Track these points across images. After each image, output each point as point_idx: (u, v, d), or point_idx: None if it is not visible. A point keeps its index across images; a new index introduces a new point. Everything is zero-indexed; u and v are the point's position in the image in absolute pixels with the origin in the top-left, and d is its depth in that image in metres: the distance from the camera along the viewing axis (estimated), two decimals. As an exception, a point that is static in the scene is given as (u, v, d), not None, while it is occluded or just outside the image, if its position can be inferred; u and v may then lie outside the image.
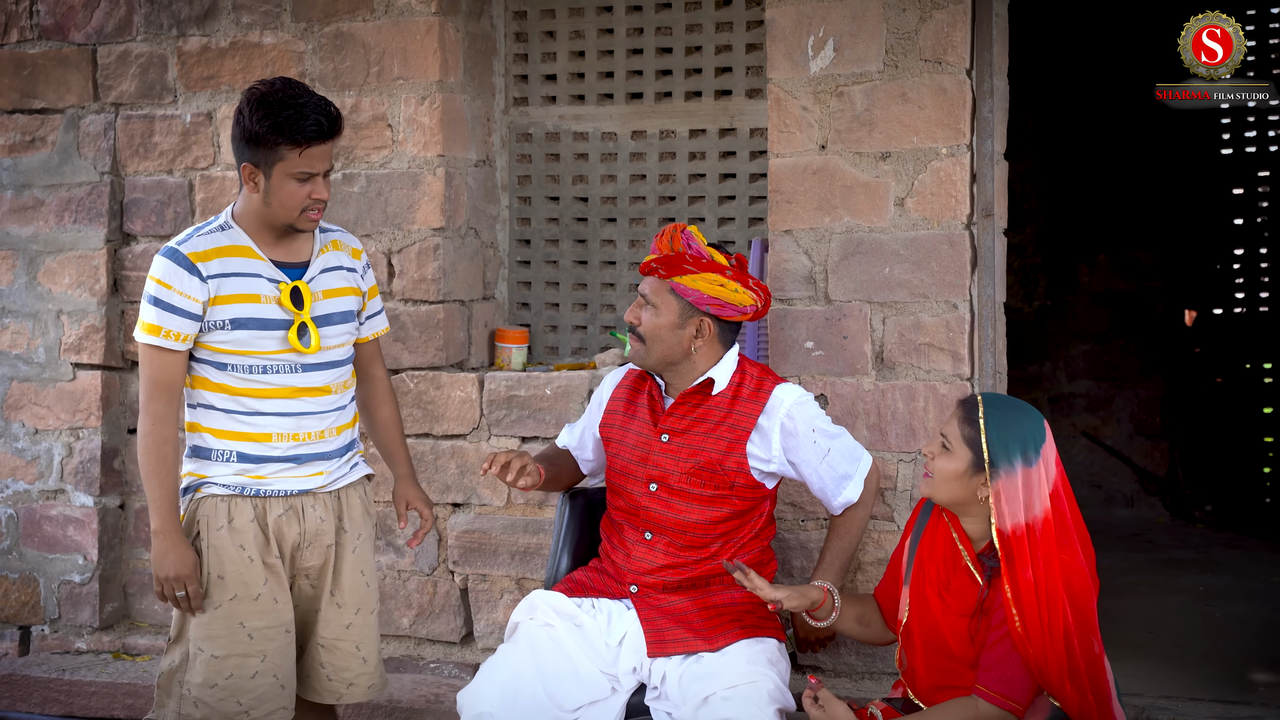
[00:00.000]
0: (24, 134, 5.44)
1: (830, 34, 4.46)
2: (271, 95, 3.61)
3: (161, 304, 3.63)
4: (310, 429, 3.79)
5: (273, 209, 3.68)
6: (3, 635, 5.46)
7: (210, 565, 3.70)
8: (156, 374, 3.68)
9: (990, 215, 4.41)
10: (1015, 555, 3.36)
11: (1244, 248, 8.40)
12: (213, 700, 3.68)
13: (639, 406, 4.01)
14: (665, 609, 3.85)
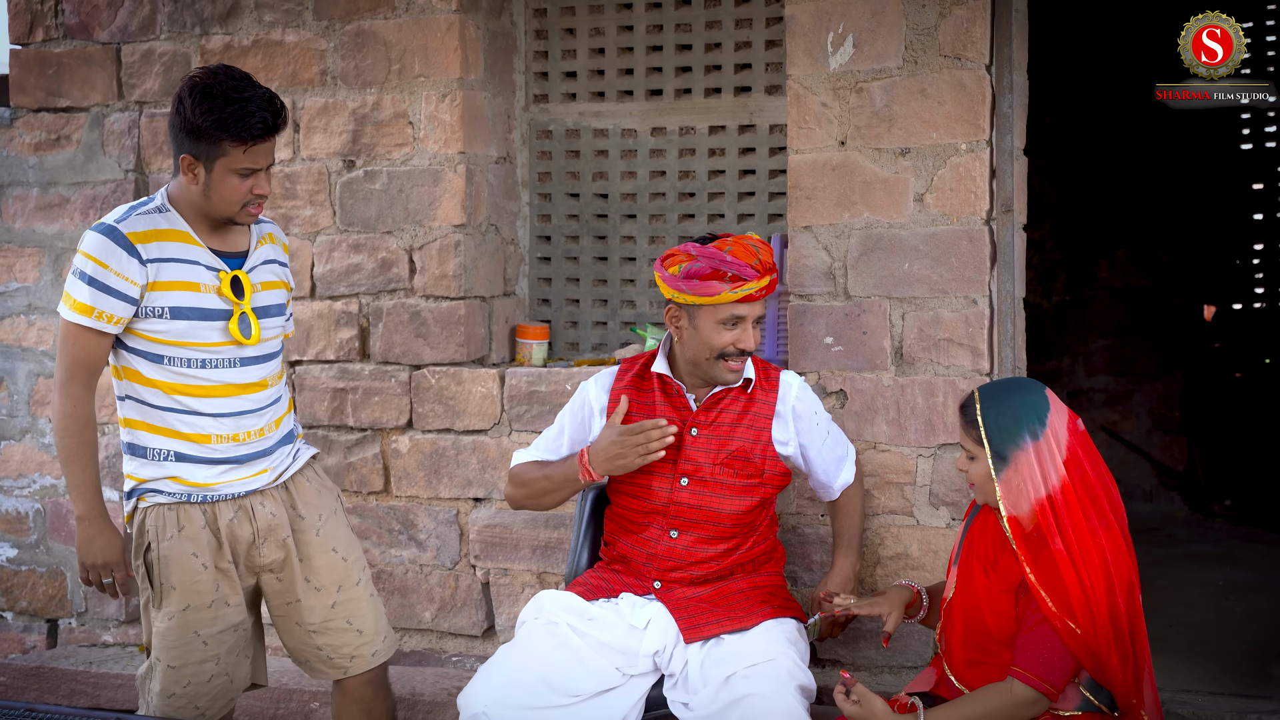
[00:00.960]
0: (49, 132, 5.45)
1: (850, 30, 4.45)
2: (215, 87, 3.51)
3: (96, 284, 3.49)
4: (249, 427, 3.74)
5: (212, 202, 3.60)
6: (31, 628, 5.49)
7: (162, 575, 3.66)
8: (80, 355, 3.56)
9: (1010, 211, 4.40)
10: (1043, 529, 3.37)
11: (1263, 243, 8.38)
12: (171, 709, 3.66)
13: (655, 406, 3.98)
14: (692, 599, 3.89)
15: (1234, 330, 8.43)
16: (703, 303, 3.78)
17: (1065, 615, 3.32)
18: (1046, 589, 3.34)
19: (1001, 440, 3.43)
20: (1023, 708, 3.37)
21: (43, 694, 4.98)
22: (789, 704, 3.57)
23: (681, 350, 3.91)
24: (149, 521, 3.67)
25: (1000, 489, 3.42)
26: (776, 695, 3.58)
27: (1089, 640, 3.32)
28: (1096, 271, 8.35)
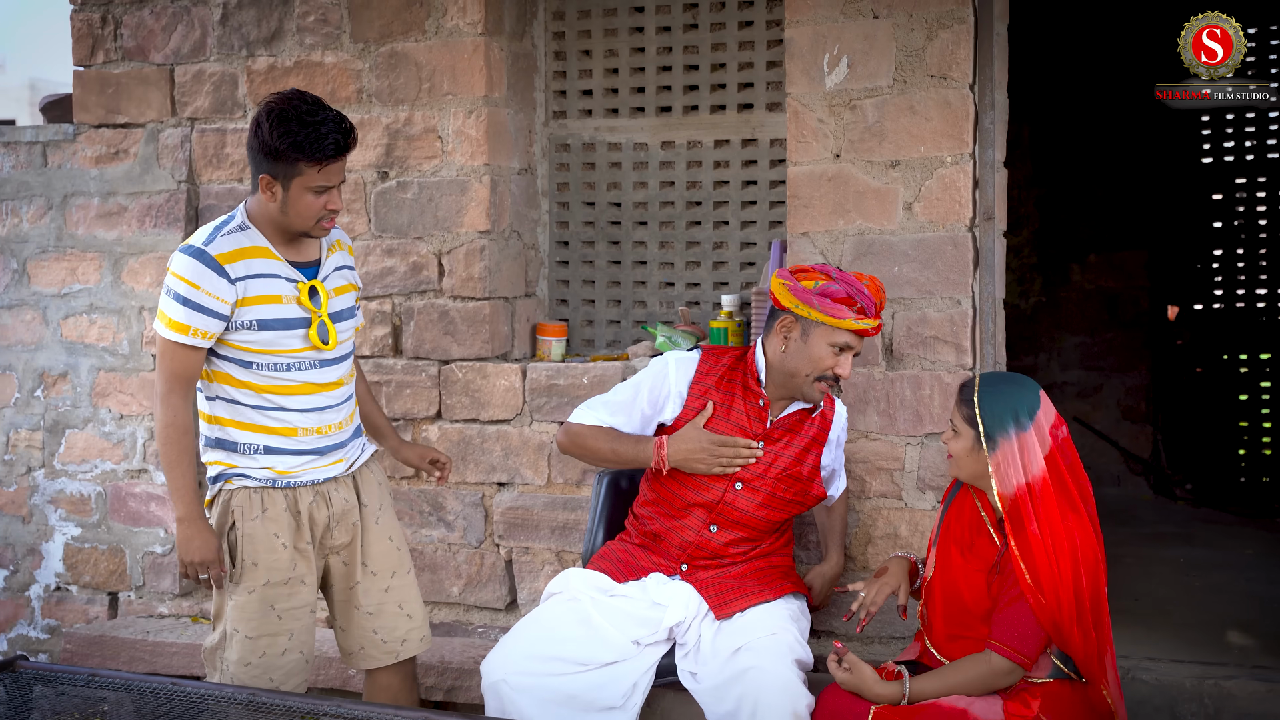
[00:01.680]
0: (109, 146, 5.43)
1: (844, 52, 4.42)
2: (290, 111, 3.50)
3: (190, 304, 3.50)
4: (330, 421, 3.76)
5: (289, 218, 3.59)
6: (94, 600, 5.48)
7: (244, 552, 3.66)
8: (177, 368, 3.57)
9: (991, 219, 4.38)
10: (1022, 512, 3.41)
11: (1222, 249, 8.39)
12: (247, 677, 3.66)
13: (735, 410, 3.92)
14: (718, 578, 3.88)
15: (1196, 329, 8.43)
16: (826, 321, 3.73)
17: (1036, 589, 3.36)
18: (1024, 562, 3.38)
19: (992, 424, 3.47)
20: (1000, 676, 3.40)
21: (104, 660, 4.98)
22: (786, 675, 3.60)
23: (782, 361, 3.84)
24: (234, 502, 3.68)
25: (992, 468, 3.46)
26: (775, 667, 3.61)
27: (1054, 613, 3.36)
28: (1070, 274, 8.34)
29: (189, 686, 3.43)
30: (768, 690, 3.54)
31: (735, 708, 3.60)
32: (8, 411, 5.60)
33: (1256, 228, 8.33)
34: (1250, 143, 8.29)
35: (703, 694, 3.72)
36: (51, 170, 5.54)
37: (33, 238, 5.55)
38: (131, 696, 3.69)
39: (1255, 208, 8.33)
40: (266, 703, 3.36)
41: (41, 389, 5.54)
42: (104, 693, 3.71)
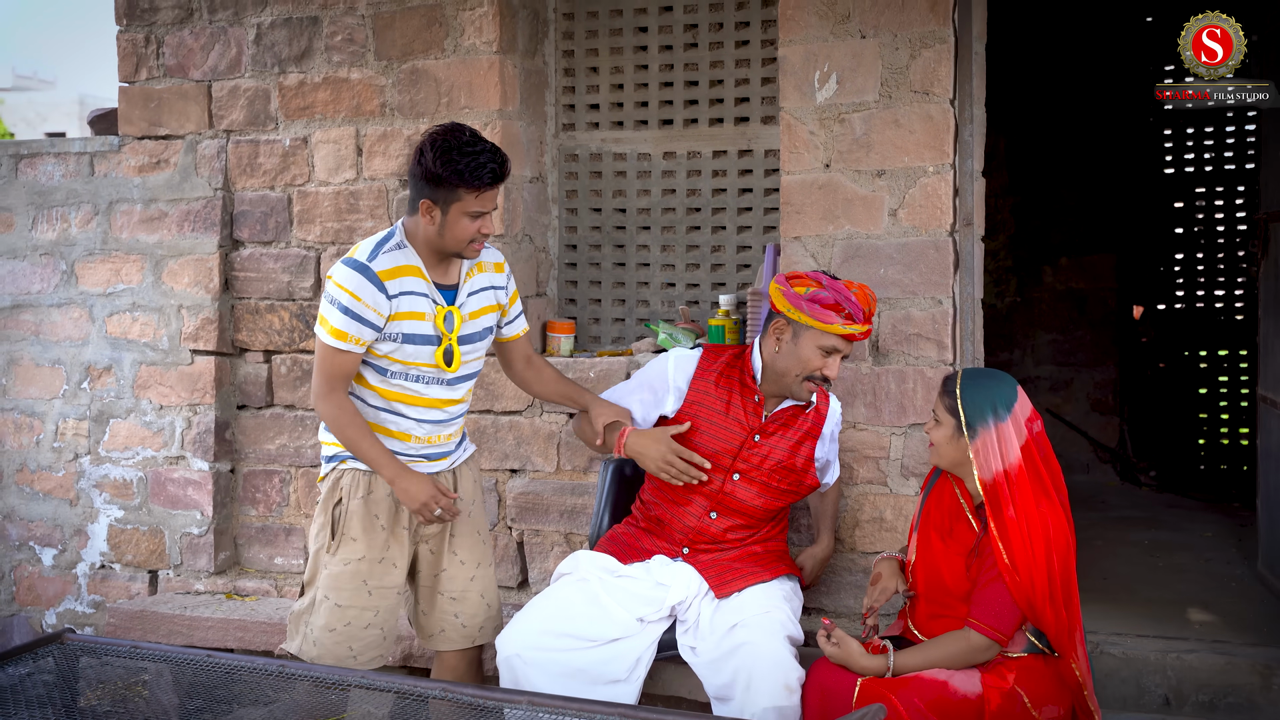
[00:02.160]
0: (151, 156, 5.42)
1: (834, 69, 4.40)
2: (452, 142, 3.51)
3: (351, 313, 3.52)
4: (442, 433, 3.78)
5: (445, 240, 3.59)
6: (135, 578, 5.47)
7: (346, 527, 3.68)
8: (336, 371, 3.59)
9: (970, 224, 4.36)
10: (1000, 498, 3.41)
11: (1183, 253, 8.39)
12: (329, 642, 3.68)
13: (733, 406, 3.90)
14: (717, 560, 3.87)
15: (1159, 327, 8.42)
16: (814, 326, 3.72)
17: (1012, 569, 3.36)
18: (1002, 543, 3.38)
19: (973, 414, 3.47)
20: (978, 652, 3.40)
21: (145, 634, 4.97)
22: (778, 650, 3.60)
23: (774, 360, 3.83)
24: (343, 481, 3.71)
25: (972, 455, 3.46)
26: (767, 643, 3.61)
27: (1028, 591, 3.36)
28: (1043, 276, 8.33)
29: (223, 658, 3.42)
30: (761, 663, 3.54)
31: (731, 680, 3.59)
32: (57, 402, 5.59)
33: (1214, 233, 8.33)
34: (1208, 155, 8.30)
35: (701, 667, 3.71)
36: (98, 179, 5.52)
37: (80, 241, 5.54)
38: (170, 667, 3.68)
39: (1213, 215, 8.34)
40: (295, 673, 3.34)
41: (88, 381, 5.53)
42: (144, 664, 3.71)
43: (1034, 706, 3.34)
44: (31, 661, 3.42)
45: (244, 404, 5.34)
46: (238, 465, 5.38)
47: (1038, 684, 3.38)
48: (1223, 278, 8.34)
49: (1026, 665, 3.41)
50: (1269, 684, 4.12)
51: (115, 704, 4.21)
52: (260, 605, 5.04)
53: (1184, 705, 4.19)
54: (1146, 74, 8.24)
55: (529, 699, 3.07)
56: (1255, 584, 5.26)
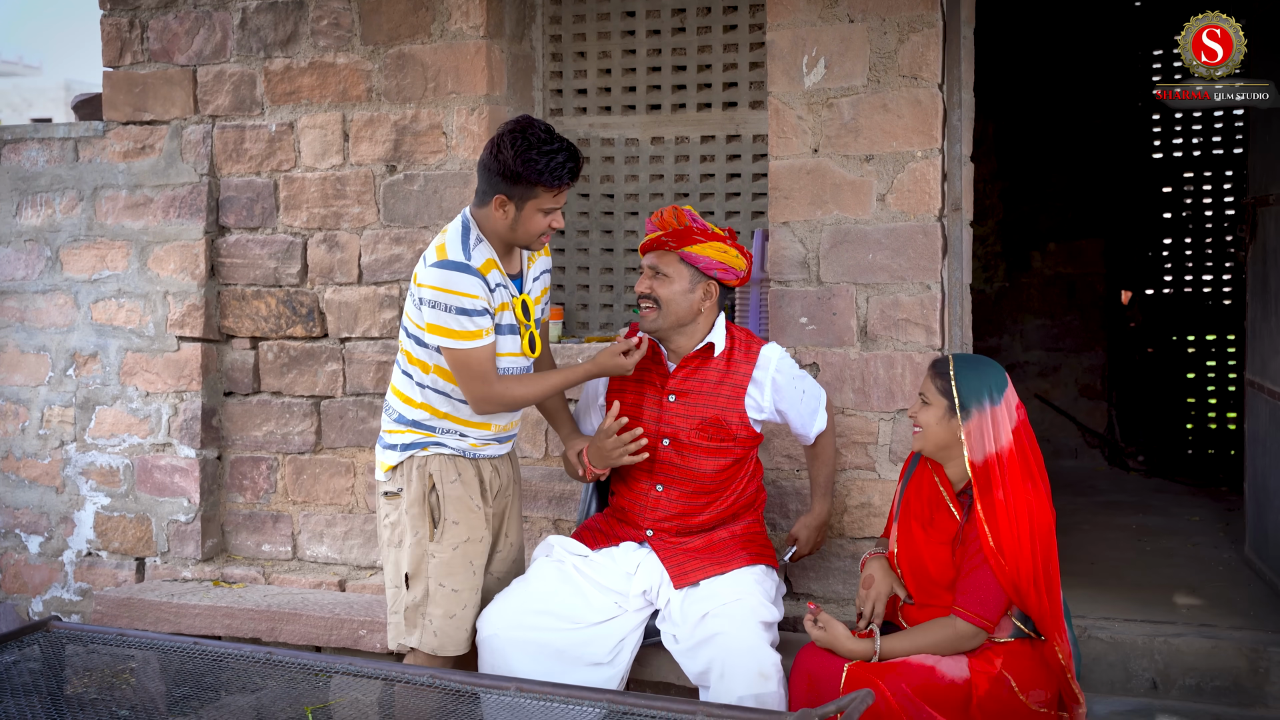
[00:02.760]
0: (136, 142, 5.39)
1: (822, 54, 4.38)
2: (532, 139, 3.50)
3: (470, 313, 3.51)
4: (515, 419, 3.85)
5: (517, 234, 3.60)
6: (122, 565, 5.45)
7: (446, 513, 3.69)
8: (485, 363, 3.58)
9: (958, 209, 4.35)
10: (990, 480, 3.42)
11: (1171, 238, 8.39)
12: (451, 629, 3.69)
13: (642, 371, 3.90)
14: (680, 549, 3.85)
15: (1147, 312, 8.43)
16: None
17: (998, 551, 3.37)
18: (989, 527, 3.39)
19: (967, 396, 3.47)
20: (964, 639, 3.40)
21: (132, 621, 4.95)
22: (750, 638, 3.59)
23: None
24: (430, 467, 3.71)
25: (964, 436, 3.46)
26: (739, 632, 3.60)
27: (1013, 575, 3.37)
28: (1031, 262, 8.34)
29: (210, 646, 3.42)
30: (734, 653, 3.54)
31: (706, 668, 3.61)
32: (42, 389, 5.57)
33: (1202, 218, 8.34)
34: (1196, 140, 8.30)
35: (680, 654, 3.72)
36: (83, 164, 5.49)
37: (65, 227, 5.51)
38: (157, 655, 3.68)
39: (1201, 200, 8.34)
40: (282, 660, 3.34)
41: (73, 368, 5.51)
42: (131, 651, 3.70)
43: (1021, 691, 3.35)
44: (18, 649, 3.42)
45: (231, 391, 5.32)
46: (225, 452, 5.36)
47: (1025, 668, 3.39)
48: (1211, 262, 8.35)
49: (1013, 650, 3.42)
50: (1256, 667, 4.14)
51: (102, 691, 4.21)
52: (248, 592, 5.03)
53: (1171, 689, 4.20)
54: (1135, 59, 8.25)
55: (516, 685, 3.06)
56: (1242, 568, 5.28)
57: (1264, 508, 5.08)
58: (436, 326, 3.54)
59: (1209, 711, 4.09)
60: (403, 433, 3.74)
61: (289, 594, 4.99)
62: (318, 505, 5.20)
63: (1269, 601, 4.71)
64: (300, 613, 4.72)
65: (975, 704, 3.32)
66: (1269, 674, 4.12)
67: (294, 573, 5.17)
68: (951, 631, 3.40)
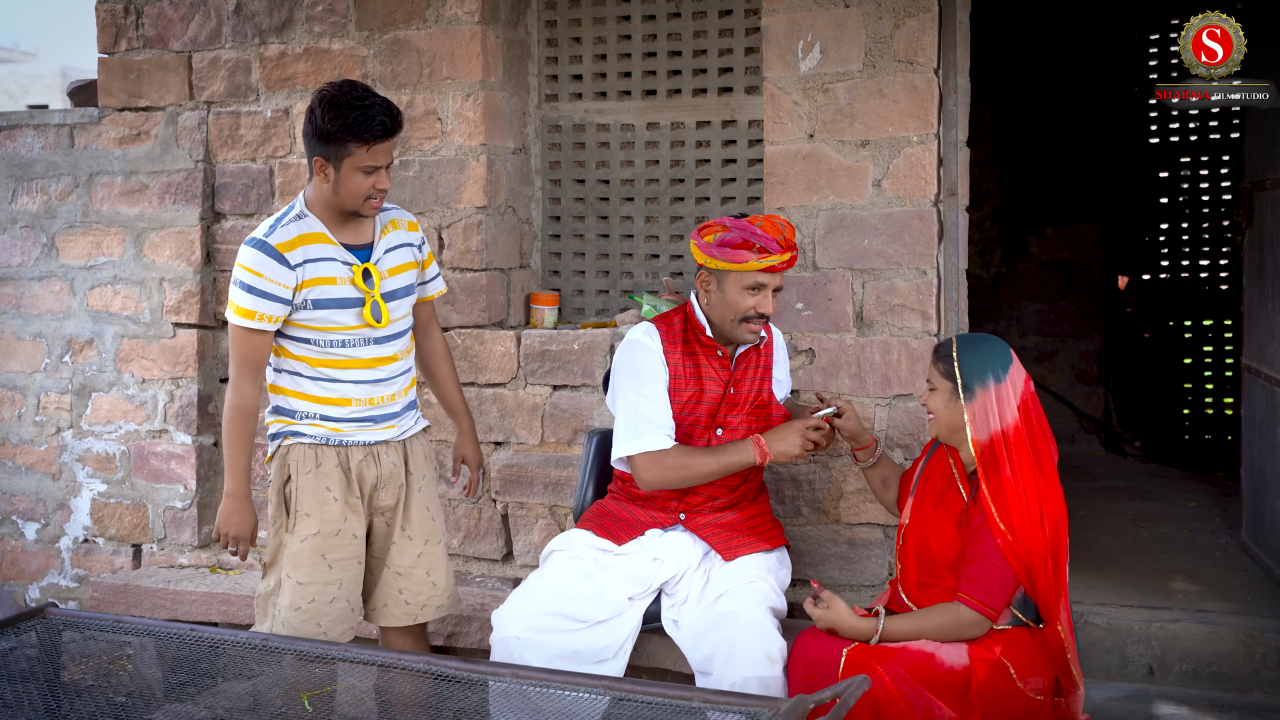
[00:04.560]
0: (131, 128, 5.38)
1: (817, 38, 4.37)
2: (341, 97, 3.49)
3: (255, 291, 3.51)
4: (383, 394, 3.73)
5: (341, 197, 3.57)
6: (119, 552, 5.45)
7: (299, 503, 3.66)
8: (248, 352, 3.58)
9: (954, 195, 4.34)
10: (996, 457, 3.42)
11: (1168, 223, 8.39)
12: (296, 621, 3.64)
13: (702, 367, 3.83)
14: (718, 524, 3.85)
15: (1144, 297, 8.43)
16: (731, 269, 3.66)
17: (1008, 529, 3.36)
18: (996, 506, 3.38)
19: (970, 376, 3.46)
20: (967, 627, 3.39)
21: (128, 607, 4.96)
22: (760, 620, 3.59)
23: (709, 312, 3.79)
24: (290, 457, 3.68)
25: (968, 416, 3.45)
26: (750, 612, 3.60)
27: (1023, 553, 3.36)
28: (1028, 247, 8.34)
29: (207, 632, 3.40)
30: (743, 632, 3.53)
31: (713, 652, 3.58)
32: (38, 376, 5.56)
33: (1199, 203, 8.33)
34: (1193, 124, 8.29)
35: (683, 639, 3.70)
36: (78, 151, 5.48)
37: (60, 214, 5.50)
38: (153, 641, 3.67)
39: (1198, 185, 8.34)
40: (279, 647, 3.33)
41: (69, 355, 5.50)
42: (128, 638, 3.69)
43: (1019, 678, 3.34)
44: (14, 636, 3.41)
45: (227, 377, 5.31)
46: (222, 439, 5.35)
47: (1023, 655, 3.38)
48: (1207, 247, 8.35)
49: (1012, 637, 3.41)
50: (1251, 652, 4.14)
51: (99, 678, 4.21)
52: (244, 579, 5.03)
53: (1168, 674, 4.21)
54: (1132, 44, 8.23)
55: (513, 672, 3.06)
56: (1239, 553, 5.29)
57: (1260, 493, 5.08)
58: (229, 300, 3.58)
59: (1205, 697, 4.10)
60: (271, 422, 3.74)
61: (286, 580, 4.99)
62: (314, 492, 5.19)
63: (1265, 587, 4.71)
64: (297, 599, 4.72)
65: (974, 691, 3.31)
66: (1265, 659, 4.13)
67: (291, 559, 5.16)
68: (954, 618, 3.38)
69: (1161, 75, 8.23)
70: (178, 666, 3.75)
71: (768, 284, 3.70)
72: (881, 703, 3.27)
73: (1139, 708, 4.03)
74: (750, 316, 3.72)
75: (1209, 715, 3.98)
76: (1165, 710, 4.02)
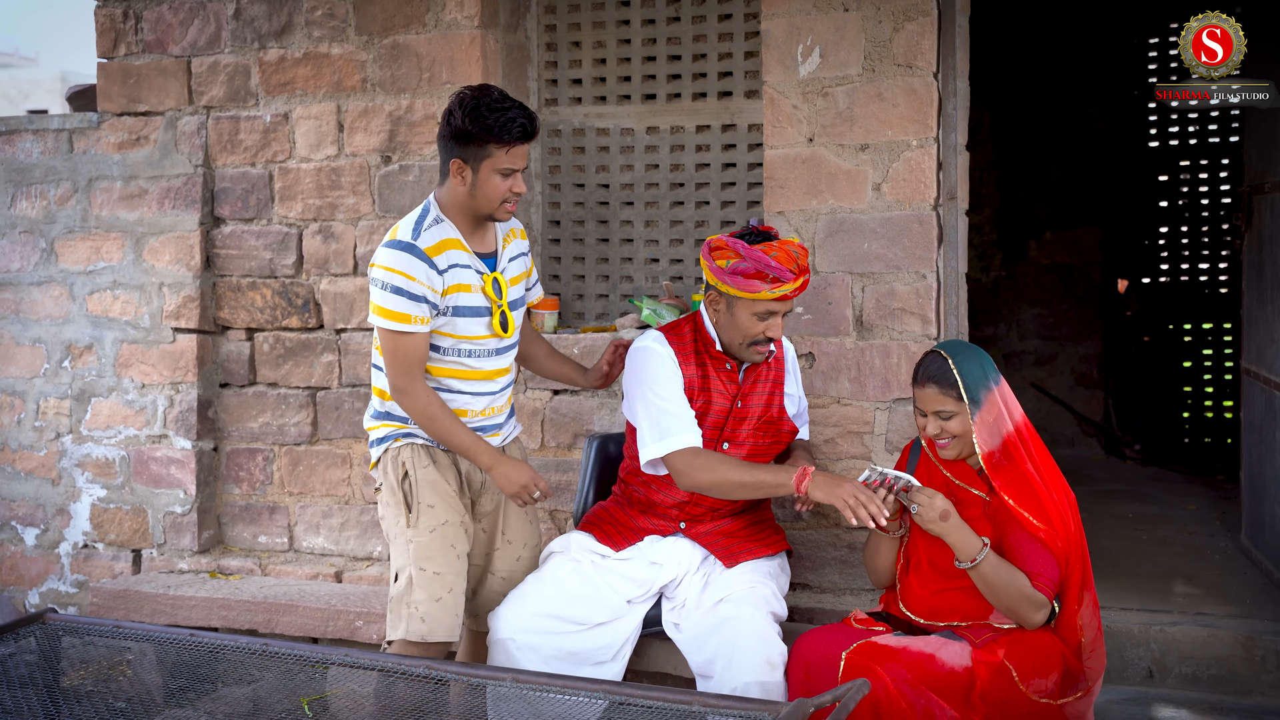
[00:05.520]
0: (131, 133, 5.38)
1: (817, 42, 4.38)
2: (481, 100, 3.48)
3: (405, 293, 3.45)
4: (494, 405, 3.73)
5: (477, 200, 3.54)
6: (119, 557, 5.45)
7: (421, 497, 3.62)
8: (411, 354, 3.51)
9: (954, 198, 4.34)
10: (1015, 455, 3.40)
11: (1168, 226, 8.40)
12: (438, 613, 3.58)
13: (711, 379, 3.79)
14: (718, 530, 3.84)
15: (1144, 301, 8.44)
16: (742, 296, 3.61)
17: (1044, 524, 3.34)
18: (1025, 507, 3.36)
19: (974, 387, 3.44)
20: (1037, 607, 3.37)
21: (128, 613, 4.95)
22: (762, 625, 3.57)
23: (718, 330, 3.75)
24: (403, 455, 3.65)
25: (976, 428, 3.42)
26: (752, 617, 3.58)
27: (1062, 543, 3.35)
28: (1028, 250, 8.34)
29: (207, 637, 3.40)
30: (744, 637, 3.52)
31: (714, 655, 3.58)
32: (38, 381, 5.56)
33: (1199, 207, 8.34)
34: (1193, 128, 8.30)
35: (685, 643, 3.69)
36: (77, 156, 5.48)
37: (60, 219, 5.50)
38: (153, 646, 3.68)
39: (1198, 188, 8.35)
40: (278, 651, 3.33)
41: (69, 360, 5.50)
42: (128, 643, 3.70)
43: (1022, 680, 3.32)
44: (14, 641, 3.41)
45: (226, 382, 5.32)
46: (221, 443, 5.36)
47: (1026, 656, 3.36)
48: (1207, 251, 8.36)
49: (1015, 639, 3.39)
50: (1251, 655, 4.14)
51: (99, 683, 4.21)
52: (244, 584, 5.03)
53: (1167, 677, 4.21)
54: (1131, 48, 8.24)
55: (513, 675, 3.06)
56: (1238, 556, 5.29)
57: (1260, 496, 5.08)
58: (375, 306, 3.51)
59: (1205, 700, 4.10)
60: (378, 427, 3.71)
61: (285, 585, 4.99)
62: (314, 496, 5.20)
63: (1265, 590, 4.71)
64: (296, 604, 4.72)
65: (977, 693, 3.29)
66: (1264, 662, 4.13)
67: (290, 564, 5.17)
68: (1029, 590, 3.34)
69: (1161, 78, 8.24)
70: (177, 672, 3.75)
71: (779, 310, 3.67)
72: (883, 704, 3.26)
73: (1139, 711, 4.03)
74: (758, 340, 3.69)
75: (1208, 718, 3.98)
76: (1165, 713, 4.02)
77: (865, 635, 3.47)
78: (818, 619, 4.26)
